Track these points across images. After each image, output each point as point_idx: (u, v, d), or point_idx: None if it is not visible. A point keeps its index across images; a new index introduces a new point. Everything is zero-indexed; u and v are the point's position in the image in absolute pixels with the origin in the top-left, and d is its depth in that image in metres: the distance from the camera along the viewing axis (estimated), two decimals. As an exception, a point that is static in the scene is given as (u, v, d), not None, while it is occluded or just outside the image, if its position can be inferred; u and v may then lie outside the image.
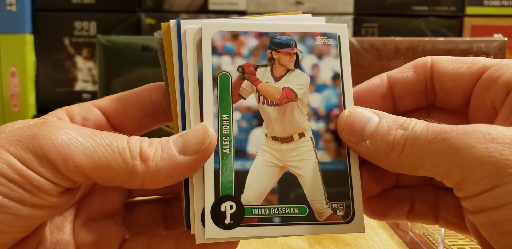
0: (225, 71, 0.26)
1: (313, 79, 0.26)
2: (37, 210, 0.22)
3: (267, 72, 0.26)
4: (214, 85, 0.25)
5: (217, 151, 0.25)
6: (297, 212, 0.25)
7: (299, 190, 0.25)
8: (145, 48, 0.65)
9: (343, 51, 0.27)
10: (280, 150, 0.26)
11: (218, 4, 0.87)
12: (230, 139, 0.25)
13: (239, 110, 0.26)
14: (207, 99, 0.25)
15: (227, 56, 0.26)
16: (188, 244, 0.27)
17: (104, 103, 0.28)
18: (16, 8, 0.85)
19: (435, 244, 0.39)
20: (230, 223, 0.24)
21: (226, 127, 0.25)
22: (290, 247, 0.39)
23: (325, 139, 0.26)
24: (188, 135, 0.24)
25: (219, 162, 0.25)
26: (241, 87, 0.26)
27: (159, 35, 0.26)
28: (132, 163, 0.23)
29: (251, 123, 0.26)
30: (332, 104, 0.26)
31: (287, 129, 0.26)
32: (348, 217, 0.25)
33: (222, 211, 0.24)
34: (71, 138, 0.22)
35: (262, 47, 0.26)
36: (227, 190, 0.25)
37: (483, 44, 0.64)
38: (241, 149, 0.25)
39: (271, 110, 0.26)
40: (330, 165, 0.26)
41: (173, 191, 0.31)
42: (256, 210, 0.25)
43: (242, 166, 0.25)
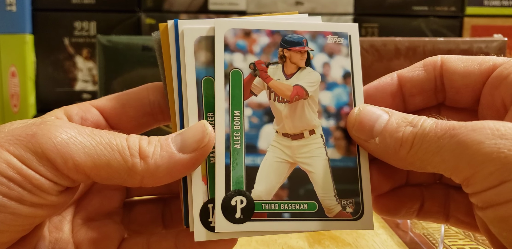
0: (237, 68, 0.26)
1: (323, 77, 0.27)
2: (36, 209, 0.22)
3: (278, 69, 0.26)
4: (226, 81, 0.26)
5: (228, 146, 0.25)
6: (307, 208, 0.26)
7: (309, 186, 0.26)
8: (145, 48, 0.65)
9: (354, 51, 0.27)
10: (290, 146, 0.26)
11: (218, 4, 0.87)
12: (241, 134, 0.26)
13: (250, 107, 0.26)
14: (219, 95, 0.25)
15: (239, 53, 0.26)
16: (187, 242, 0.27)
17: (102, 103, 0.28)
18: (16, 8, 0.85)
19: (435, 244, 0.39)
20: (240, 217, 0.25)
21: (237, 123, 0.26)
22: (290, 247, 0.39)
23: (335, 136, 0.26)
24: (187, 133, 0.24)
25: (230, 157, 0.25)
26: (253, 84, 0.26)
27: (157, 36, 0.26)
28: (131, 161, 0.23)
29: (262, 120, 0.26)
30: (343, 102, 0.27)
31: (298, 125, 0.26)
32: (357, 214, 0.26)
33: (232, 205, 0.25)
34: (70, 136, 0.22)
35: (273, 45, 0.26)
36: (238, 185, 0.25)
37: (483, 44, 0.64)
38: (252, 144, 0.26)
39: (282, 107, 0.26)
40: (340, 162, 0.26)
41: (171, 191, 0.31)
42: (266, 205, 0.25)
43: (253, 162, 0.26)
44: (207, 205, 0.25)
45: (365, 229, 0.26)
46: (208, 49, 0.26)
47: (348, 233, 0.42)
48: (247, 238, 0.41)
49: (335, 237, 0.41)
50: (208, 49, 0.26)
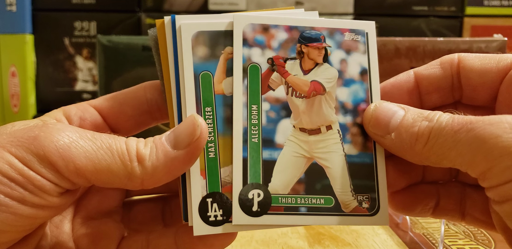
0: (255, 62, 0.26)
1: (341, 73, 0.27)
2: (37, 210, 0.22)
3: (296, 65, 0.27)
4: (244, 76, 0.26)
5: (245, 140, 0.26)
6: (323, 202, 0.26)
7: (325, 181, 0.26)
8: (145, 48, 0.65)
9: (371, 48, 0.28)
10: (307, 141, 0.26)
11: (218, 4, 0.87)
12: (258, 128, 0.26)
13: (268, 101, 0.26)
14: (237, 89, 0.26)
15: (257, 48, 0.26)
16: (187, 238, 0.27)
17: (100, 102, 0.28)
18: (16, 8, 0.85)
19: (435, 244, 0.39)
20: (257, 210, 0.25)
21: (255, 117, 0.26)
22: (290, 247, 0.39)
23: (352, 132, 0.27)
24: (178, 129, 0.24)
25: (247, 151, 0.26)
26: (270, 79, 0.26)
27: (153, 33, 0.26)
28: (130, 165, 0.23)
29: (279, 114, 0.26)
30: (360, 98, 0.27)
31: (315, 121, 0.27)
32: (373, 209, 0.26)
33: (249, 198, 0.25)
34: (72, 140, 0.23)
35: (291, 40, 0.27)
36: (255, 178, 0.25)
37: (483, 44, 0.64)
38: (269, 138, 0.26)
39: (299, 103, 0.27)
40: (357, 158, 0.27)
41: (170, 189, 0.31)
42: (283, 199, 0.26)
43: (270, 156, 0.26)
44: (206, 199, 0.25)
45: (381, 224, 0.26)
46: (205, 44, 0.26)
47: (348, 233, 0.42)
48: (247, 238, 0.41)
49: (335, 237, 0.41)
50: (205, 44, 0.26)
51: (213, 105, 0.26)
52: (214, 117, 0.26)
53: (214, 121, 0.26)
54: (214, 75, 0.26)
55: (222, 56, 0.26)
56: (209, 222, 0.25)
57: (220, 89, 0.26)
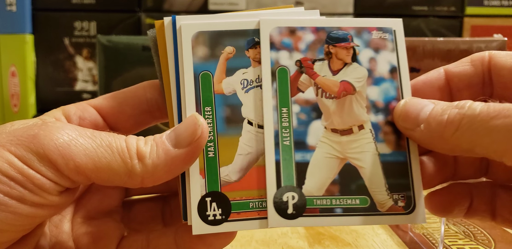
0: (283, 65, 0.26)
1: (370, 72, 0.27)
2: (37, 209, 0.22)
3: (324, 66, 0.27)
4: (273, 79, 0.26)
5: (277, 143, 0.26)
6: (359, 203, 0.26)
7: (360, 181, 0.26)
8: (145, 48, 0.65)
9: (399, 45, 0.27)
10: (340, 142, 0.26)
11: (218, 4, 0.87)
12: (289, 131, 0.26)
13: (298, 103, 0.26)
14: (266, 92, 0.26)
15: (285, 51, 0.26)
16: (187, 237, 0.27)
17: (99, 102, 0.28)
18: (16, 8, 0.85)
19: (435, 244, 0.39)
20: (292, 213, 0.25)
21: (285, 119, 0.26)
22: (290, 247, 0.39)
23: (384, 131, 0.27)
24: (179, 128, 0.24)
25: (279, 154, 0.26)
26: (299, 81, 0.26)
27: (153, 33, 0.27)
28: (131, 163, 0.23)
29: (310, 116, 0.26)
30: (391, 97, 0.27)
31: (346, 121, 0.27)
32: (409, 207, 0.26)
33: (284, 201, 0.25)
34: (71, 138, 0.22)
35: (319, 41, 0.27)
36: (289, 181, 0.25)
37: (483, 44, 0.64)
38: (301, 140, 0.26)
39: (329, 103, 0.27)
40: (390, 157, 0.27)
41: (170, 189, 0.31)
42: (318, 201, 0.26)
43: (303, 158, 0.26)
44: (205, 199, 0.25)
45: (418, 222, 0.26)
46: (205, 44, 0.26)
47: (348, 233, 0.42)
48: (247, 238, 0.41)
49: (335, 237, 0.41)
50: (205, 44, 0.26)
51: (212, 105, 0.26)
52: (213, 117, 0.26)
53: (213, 121, 0.26)
54: (214, 75, 0.26)
55: (222, 56, 0.26)
56: (208, 221, 0.25)
57: (220, 89, 0.26)
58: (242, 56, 0.27)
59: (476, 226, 0.43)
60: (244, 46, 0.27)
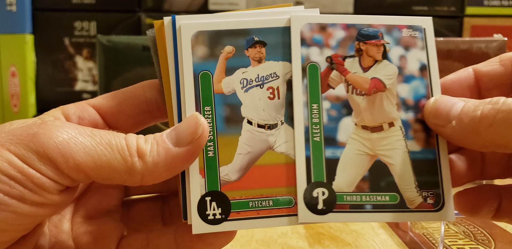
0: (313, 61, 0.26)
1: (401, 70, 0.27)
2: (37, 208, 0.22)
3: (355, 63, 0.27)
4: (303, 75, 0.26)
5: (307, 139, 0.26)
6: (388, 199, 0.26)
7: (389, 178, 0.26)
8: (145, 48, 0.65)
9: (429, 43, 0.28)
10: (370, 139, 0.27)
11: (218, 4, 0.87)
12: (320, 127, 0.26)
13: (328, 100, 0.27)
14: (296, 89, 0.26)
15: (315, 47, 0.27)
16: (187, 237, 0.27)
17: (98, 102, 0.28)
18: (16, 8, 0.85)
19: (435, 244, 0.39)
20: (322, 208, 0.25)
21: (316, 116, 0.26)
22: (290, 247, 0.39)
23: (414, 129, 0.27)
24: (180, 126, 0.24)
25: (310, 150, 0.26)
26: (330, 77, 0.27)
27: (152, 34, 0.27)
28: (131, 160, 0.23)
29: (340, 112, 0.27)
30: (420, 94, 0.27)
31: (377, 118, 0.27)
32: (438, 205, 0.26)
33: (314, 197, 0.25)
34: (71, 136, 0.22)
35: (349, 38, 0.27)
36: (319, 177, 0.26)
37: (483, 44, 0.64)
38: (331, 137, 0.26)
39: (360, 100, 0.27)
40: (420, 154, 0.27)
41: (170, 188, 0.31)
42: (348, 197, 0.26)
43: (333, 154, 0.26)
44: (204, 198, 0.25)
45: (447, 220, 0.27)
46: (205, 44, 0.26)
47: (348, 233, 0.42)
48: (247, 238, 0.41)
49: (335, 237, 0.41)
50: (205, 43, 0.26)
51: (212, 105, 0.26)
52: (213, 117, 0.26)
53: (213, 120, 0.26)
54: (214, 75, 0.26)
55: (221, 55, 0.26)
56: (208, 221, 0.25)
57: (219, 88, 0.26)
58: (241, 56, 0.27)
59: (476, 226, 0.43)
60: (244, 46, 0.27)
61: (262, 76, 0.27)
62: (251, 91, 0.26)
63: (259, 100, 0.26)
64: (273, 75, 0.27)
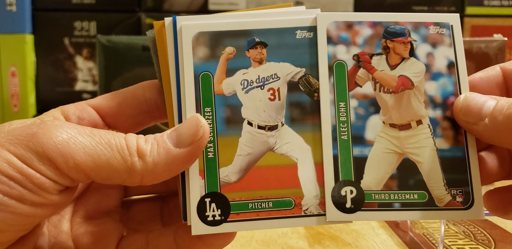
0: (340, 60, 0.26)
1: (428, 67, 0.27)
2: (36, 209, 0.22)
3: (382, 60, 0.27)
4: (330, 73, 0.26)
5: (335, 137, 0.26)
6: (417, 197, 0.26)
7: (418, 176, 0.26)
8: (145, 48, 0.65)
9: (457, 40, 0.28)
10: (398, 137, 0.27)
11: (218, 4, 0.87)
12: (347, 125, 0.26)
13: (355, 98, 0.27)
14: (323, 87, 0.26)
15: (342, 45, 0.27)
16: (186, 237, 0.27)
17: (98, 102, 0.28)
18: (16, 8, 0.85)
19: (435, 244, 0.39)
20: (351, 207, 0.26)
21: (343, 114, 0.26)
22: (290, 247, 0.39)
23: (442, 126, 0.27)
24: (181, 128, 0.24)
25: (337, 148, 0.26)
26: (357, 75, 0.27)
27: (152, 34, 0.27)
28: (130, 160, 0.23)
29: (368, 111, 0.27)
30: (448, 92, 0.27)
31: (404, 116, 0.27)
32: (467, 203, 0.26)
33: (342, 195, 0.26)
34: (70, 136, 0.22)
35: (376, 36, 0.27)
36: (347, 175, 0.26)
37: (483, 44, 0.64)
38: (359, 135, 0.26)
39: (387, 98, 0.27)
40: (449, 152, 0.27)
41: (169, 189, 0.31)
42: (376, 195, 0.26)
43: (361, 152, 0.26)
44: (204, 199, 0.25)
45: (476, 218, 0.26)
46: (206, 45, 0.26)
47: (348, 233, 0.42)
48: (247, 238, 0.41)
49: (335, 237, 0.41)
50: (206, 44, 0.26)
51: (212, 106, 0.26)
52: (213, 118, 0.26)
53: (213, 121, 0.26)
54: (214, 76, 0.26)
55: (222, 56, 0.26)
56: (207, 222, 0.25)
57: (220, 89, 0.26)
58: (242, 57, 0.27)
59: (476, 226, 0.43)
60: (245, 47, 0.27)
61: (263, 77, 0.27)
62: (252, 93, 0.26)
63: (260, 101, 0.26)
64: (273, 76, 0.27)
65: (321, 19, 0.26)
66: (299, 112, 0.27)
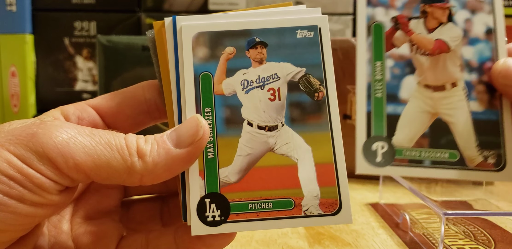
0: (378, 21, 0.28)
1: (465, 33, 0.28)
2: (36, 208, 0.22)
3: (420, 24, 0.28)
4: (368, 34, 0.27)
5: (369, 95, 0.27)
6: (448, 156, 0.27)
7: (450, 136, 0.27)
8: (145, 48, 0.65)
9: (497, 8, 0.28)
10: (432, 98, 0.28)
11: (218, 4, 0.87)
12: (382, 84, 0.27)
13: (392, 58, 0.28)
14: (360, 46, 0.27)
15: (381, 7, 0.28)
16: (186, 238, 0.27)
17: (98, 102, 0.28)
18: (16, 8, 0.85)
19: (435, 244, 0.39)
20: (381, 161, 0.27)
21: (379, 73, 0.27)
22: (290, 247, 0.39)
23: (477, 90, 0.28)
24: (181, 128, 0.24)
25: (371, 105, 0.27)
26: (394, 37, 0.28)
27: (151, 34, 0.27)
28: (130, 160, 0.23)
29: (403, 71, 0.28)
30: (485, 57, 0.28)
31: (440, 78, 0.28)
32: (499, 165, 0.27)
33: (373, 150, 0.27)
34: (70, 136, 0.22)
35: (415, 0, 0.28)
36: (379, 131, 0.27)
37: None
38: (393, 94, 0.27)
39: (424, 60, 0.28)
40: (482, 115, 0.28)
41: (169, 189, 0.31)
42: (407, 152, 0.27)
43: (394, 110, 0.27)
44: (204, 200, 0.25)
45: (509, 180, 0.27)
46: (206, 45, 0.26)
47: (348, 233, 0.42)
48: (247, 238, 0.41)
49: (335, 237, 0.41)
50: (206, 44, 0.26)
51: (212, 106, 0.26)
52: (213, 118, 0.26)
53: (213, 122, 0.26)
54: (214, 76, 0.26)
55: (222, 56, 0.26)
56: (207, 222, 0.25)
57: (220, 89, 0.26)
58: (242, 57, 0.27)
59: (476, 226, 0.43)
60: (245, 47, 0.27)
61: (263, 78, 0.27)
62: (252, 93, 0.26)
63: (260, 101, 0.26)
64: (274, 76, 0.27)
65: None
66: (299, 112, 0.27)
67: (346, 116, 0.60)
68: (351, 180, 0.55)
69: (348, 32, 0.87)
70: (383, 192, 0.52)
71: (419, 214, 0.45)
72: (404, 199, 0.51)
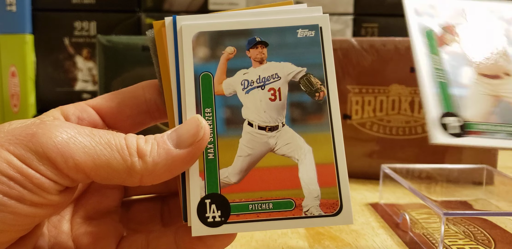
0: (429, 27, 0.31)
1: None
2: (36, 209, 0.22)
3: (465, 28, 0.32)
4: (422, 38, 0.31)
5: (433, 80, 0.30)
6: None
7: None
8: (145, 48, 0.65)
9: None
10: (491, 84, 0.30)
11: (218, 4, 0.87)
12: (443, 72, 0.30)
13: (446, 53, 0.31)
14: (416, 44, 0.31)
15: (426, 17, 0.33)
16: (187, 238, 0.27)
17: (98, 102, 0.28)
18: (16, 8, 0.85)
19: (435, 244, 0.39)
20: (456, 133, 0.28)
21: (438, 63, 0.30)
22: (290, 247, 0.39)
23: None
24: (181, 128, 0.24)
25: (436, 88, 0.29)
26: (444, 37, 0.31)
27: (151, 34, 0.27)
28: (130, 160, 0.23)
29: (459, 62, 0.30)
30: None
31: (493, 69, 0.30)
32: None
33: (447, 123, 0.29)
34: (70, 136, 0.22)
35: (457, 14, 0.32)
36: (449, 108, 0.29)
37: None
38: (455, 80, 0.30)
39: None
40: None
41: (169, 189, 0.31)
42: (480, 126, 0.29)
43: (459, 93, 0.30)
44: (204, 200, 0.25)
45: None
46: (206, 45, 0.26)
47: (348, 233, 0.42)
48: (247, 238, 0.41)
49: (335, 237, 0.41)
50: (206, 44, 0.26)
51: (213, 106, 0.26)
52: (213, 118, 0.26)
53: (213, 122, 0.26)
54: (214, 76, 0.26)
55: (222, 56, 0.26)
56: (208, 223, 0.25)
57: (220, 90, 0.26)
58: (243, 57, 0.26)
59: (476, 226, 0.43)
60: (245, 46, 0.26)
61: (264, 77, 0.26)
62: (252, 93, 0.26)
63: (260, 101, 0.26)
64: (274, 76, 0.27)
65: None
66: (300, 112, 0.27)
67: (346, 116, 0.60)
68: (351, 180, 0.55)
69: (348, 32, 0.87)
70: (383, 192, 0.52)
71: (419, 214, 0.45)
72: (404, 199, 0.51)
